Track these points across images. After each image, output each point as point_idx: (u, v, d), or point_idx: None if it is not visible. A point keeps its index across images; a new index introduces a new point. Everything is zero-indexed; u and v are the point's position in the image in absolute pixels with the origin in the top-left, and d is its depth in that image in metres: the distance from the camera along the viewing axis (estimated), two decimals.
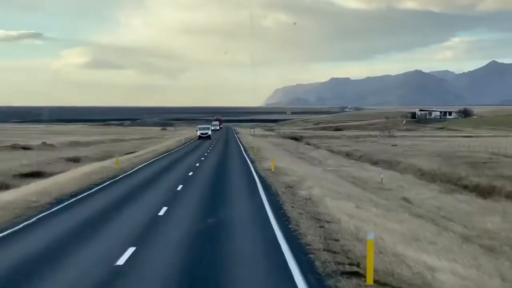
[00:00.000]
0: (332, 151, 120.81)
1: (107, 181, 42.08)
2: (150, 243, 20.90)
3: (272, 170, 47.82)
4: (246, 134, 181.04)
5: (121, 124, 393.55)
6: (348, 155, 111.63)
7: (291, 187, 35.95)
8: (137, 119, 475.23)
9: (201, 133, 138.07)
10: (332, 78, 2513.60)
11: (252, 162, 57.35)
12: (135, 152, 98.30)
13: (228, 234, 22.34)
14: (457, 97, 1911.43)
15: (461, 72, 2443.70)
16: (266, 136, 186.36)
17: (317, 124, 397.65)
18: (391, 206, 37.73)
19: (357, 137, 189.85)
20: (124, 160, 60.70)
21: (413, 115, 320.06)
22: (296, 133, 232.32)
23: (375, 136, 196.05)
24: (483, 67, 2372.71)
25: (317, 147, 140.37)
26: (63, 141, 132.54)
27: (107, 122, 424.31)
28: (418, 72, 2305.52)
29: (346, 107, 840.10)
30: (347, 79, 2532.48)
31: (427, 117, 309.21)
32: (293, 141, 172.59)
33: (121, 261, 17.82)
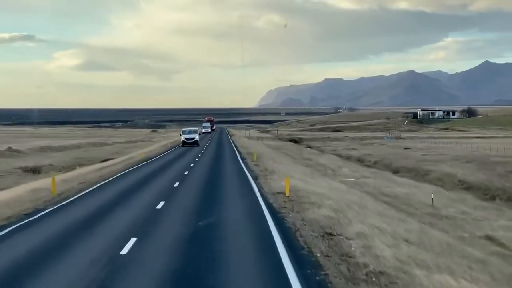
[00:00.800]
0: (340, 156, 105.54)
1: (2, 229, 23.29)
2: None
3: (287, 194, 31.60)
4: (241, 137, 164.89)
5: (112, 126, 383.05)
6: (360, 160, 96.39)
7: (331, 236, 20.26)
8: (129, 121, 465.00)
9: (186, 138, 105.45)
10: (326, 79, 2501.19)
11: (255, 179, 41.23)
12: (110, 159, 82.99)
13: None
14: (450, 97, 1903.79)
15: (454, 72, 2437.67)
16: (262, 138, 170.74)
17: (313, 125, 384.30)
18: (489, 261, 22.52)
19: (362, 138, 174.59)
20: (77, 177, 44.42)
21: (415, 115, 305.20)
22: (293, 135, 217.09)
23: (381, 137, 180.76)
24: (476, 67, 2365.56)
25: (321, 151, 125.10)
26: (34, 146, 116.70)
27: (98, 124, 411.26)
28: (411, 73, 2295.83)
29: (340, 108, 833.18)
30: (340, 79, 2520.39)
31: (430, 117, 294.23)
32: (292, 143, 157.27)
33: None
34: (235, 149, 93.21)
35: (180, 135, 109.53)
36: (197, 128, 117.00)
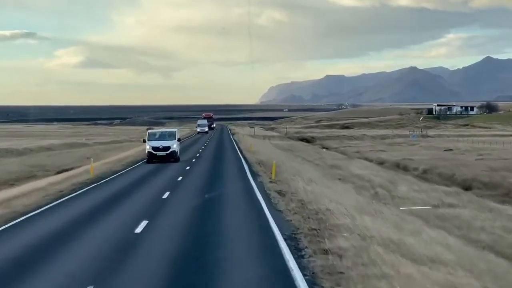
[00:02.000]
0: (369, 160, 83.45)
1: None
2: None
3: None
4: (245, 136, 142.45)
5: (110, 124, 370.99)
6: (401, 167, 74.13)
7: None
8: (127, 118, 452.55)
9: (153, 148, 61.52)
10: (327, 75, 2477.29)
11: (296, 241, 18.52)
12: (70, 169, 61.10)
13: None
14: (452, 94, 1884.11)
15: (455, 69, 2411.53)
16: (269, 137, 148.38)
17: (319, 121, 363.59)
18: None
19: (383, 137, 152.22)
20: None
21: (430, 110, 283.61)
22: (302, 133, 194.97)
23: (404, 135, 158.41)
24: (477, 63, 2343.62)
25: (342, 153, 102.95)
26: None
27: (95, 122, 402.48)
28: (413, 69, 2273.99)
29: (342, 104, 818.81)
30: (342, 76, 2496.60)
31: (448, 113, 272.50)
32: (304, 143, 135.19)
33: None
34: (240, 155, 69.87)
35: (144, 141, 64.48)
36: (175, 130, 67.26)
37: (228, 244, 19.44)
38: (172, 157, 61.04)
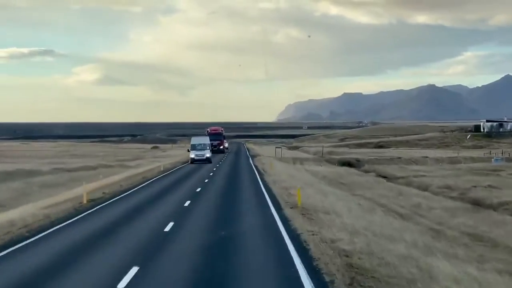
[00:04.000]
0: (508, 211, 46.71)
1: None
2: None
3: None
4: (269, 158, 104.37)
5: (121, 140, 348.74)
6: None
7: None
8: (138, 135, 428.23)
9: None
10: (344, 93, 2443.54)
11: None
12: None
13: None
14: (472, 112, 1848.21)
15: (474, 86, 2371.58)
16: (300, 160, 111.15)
17: (343, 139, 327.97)
18: None
19: (452, 161, 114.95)
20: None
21: (477, 127, 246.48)
22: (335, 153, 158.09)
23: (480, 159, 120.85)
24: (497, 81, 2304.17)
25: (419, 187, 66.28)
26: None
27: (103, 139, 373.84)
28: (431, 87, 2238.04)
29: (361, 122, 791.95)
30: (359, 93, 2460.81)
31: (501, 130, 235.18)
32: (350, 169, 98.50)
33: None
34: (274, 214, 32.89)
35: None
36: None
37: None
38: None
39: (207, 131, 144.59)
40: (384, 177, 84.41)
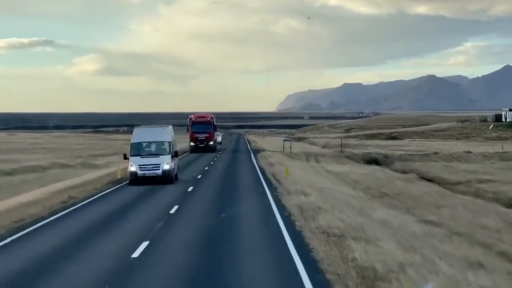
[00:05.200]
0: None
1: None
2: None
3: None
4: (277, 155, 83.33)
5: (117, 131, 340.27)
6: None
7: None
8: (135, 125, 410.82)
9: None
10: (344, 84, 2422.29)
11: None
12: None
13: None
14: (471, 102, 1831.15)
15: (475, 77, 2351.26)
16: (314, 156, 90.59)
17: (348, 130, 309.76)
18: None
19: (503, 158, 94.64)
20: None
21: (497, 117, 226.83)
22: (349, 146, 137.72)
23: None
24: (497, 71, 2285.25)
25: (497, 199, 46.13)
26: None
27: (98, 129, 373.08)
28: (431, 77, 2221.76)
29: (362, 112, 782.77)
30: (359, 84, 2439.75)
31: None
32: (376, 167, 78.19)
33: None
34: None
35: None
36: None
37: None
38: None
39: (190, 119, 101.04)
40: (430, 180, 64.44)
